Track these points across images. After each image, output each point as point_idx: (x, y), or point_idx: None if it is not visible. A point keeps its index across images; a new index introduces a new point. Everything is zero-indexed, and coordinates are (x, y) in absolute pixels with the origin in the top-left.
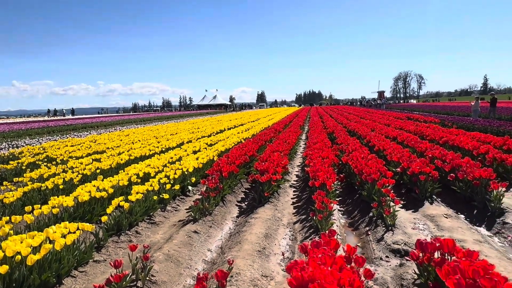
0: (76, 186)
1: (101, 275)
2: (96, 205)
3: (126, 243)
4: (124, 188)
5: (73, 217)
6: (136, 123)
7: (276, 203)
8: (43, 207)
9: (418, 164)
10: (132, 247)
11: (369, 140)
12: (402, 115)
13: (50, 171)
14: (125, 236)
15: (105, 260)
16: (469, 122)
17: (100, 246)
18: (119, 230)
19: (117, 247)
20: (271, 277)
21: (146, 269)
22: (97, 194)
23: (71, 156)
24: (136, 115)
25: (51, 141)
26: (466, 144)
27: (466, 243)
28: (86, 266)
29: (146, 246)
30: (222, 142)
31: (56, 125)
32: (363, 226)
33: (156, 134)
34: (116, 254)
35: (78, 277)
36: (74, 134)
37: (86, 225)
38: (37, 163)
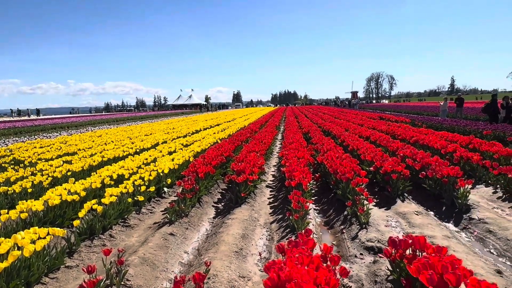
0: (46, 190)
1: (73, 281)
2: (68, 209)
3: (100, 247)
4: (97, 191)
5: (43, 221)
6: (109, 123)
7: (253, 203)
8: (11, 211)
9: (390, 163)
10: (106, 252)
11: (343, 140)
12: (375, 115)
13: (17, 174)
14: (99, 240)
15: (77, 265)
16: (438, 121)
17: (72, 251)
18: (92, 234)
19: (90, 251)
20: (249, 278)
21: (121, 273)
22: (69, 198)
23: (40, 158)
24: (109, 115)
25: (19, 142)
26: (435, 143)
27: (435, 239)
28: (57, 272)
29: (121, 250)
30: (198, 142)
31: (24, 125)
32: (338, 224)
33: (130, 135)
34: (89, 259)
35: (49, 284)
36: (43, 135)
37: (57, 230)
38: (3, 165)
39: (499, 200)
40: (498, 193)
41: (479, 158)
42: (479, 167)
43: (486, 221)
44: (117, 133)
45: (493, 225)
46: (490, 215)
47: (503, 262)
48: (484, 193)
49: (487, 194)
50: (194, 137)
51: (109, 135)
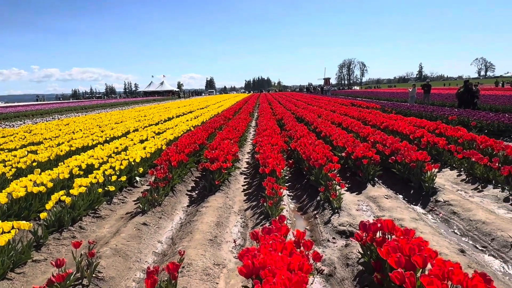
0: (10, 181)
1: (42, 275)
2: (34, 201)
3: (70, 239)
4: (65, 182)
5: (7, 215)
6: (77, 111)
7: (227, 190)
8: None
9: (361, 149)
10: (75, 244)
11: (316, 126)
12: (347, 101)
13: None
14: (68, 232)
15: (46, 259)
16: (406, 107)
17: (39, 244)
18: (61, 226)
19: (59, 244)
20: (223, 265)
21: (92, 265)
22: (35, 189)
23: (3, 149)
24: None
25: None
26: (403, 128)
27: (404, 222)
28: (24, 267)
29: (91, 242)
30: (171, 130)
31: None
32: (311, 209)
33: (100, 123)
34: (59, 252)
35: (15, 279)
36: (5, 124)
37: (23, 223)
38: None
39: (462, 182)
40: (462, 176)
41: (445, 143)
42: (445, 151)
43: (451, 203)
44: (86, 121)
45: (457, 207)
46: (455, 197)
47: (465, 242)
48: (449, 176)
49: (452, 177)
50: (166, 125)
51: (77, 124)
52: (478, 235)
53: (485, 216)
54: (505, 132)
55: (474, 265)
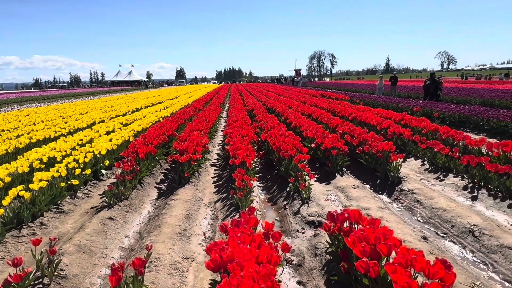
0: None
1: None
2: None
3: (29, 236)
4: (25, 176)
5: None
6: (39, 101)
7: (197, 183)
8: None
9: (330, 140)
10: (35, 242)
11: (286, 117)
12: (317, 92)
13: None
14: (28, 229)
15: (3, 258)
16: (374, 99)
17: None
18: (20, 223)
19: (18, 242)
20: (192, 259)
21: (53, 263)
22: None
23: None
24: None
25: None
26: (371, 119)
27: (370, 211)
28: None
29: (53, 239)
30: (139, 121)
31: None
32: (281, 200)
33: (63, 114)
34: (17, 250)
35: None
36: None
37: None
38: None
39: (426, 171)
40: (425, 165)
41: (410, 134)
42: (409, 142)
43: (415, 192)
44: (48, 112)
45: (420, 195)
46: (418, 186)
47: (428, 229)
48: (414, 165)
49: (416, 166)
50: (134, 116)
51: (38, 115)
52: (440, 222)
53: (446, 204)
54: (465, 123)
55: (436, 251)
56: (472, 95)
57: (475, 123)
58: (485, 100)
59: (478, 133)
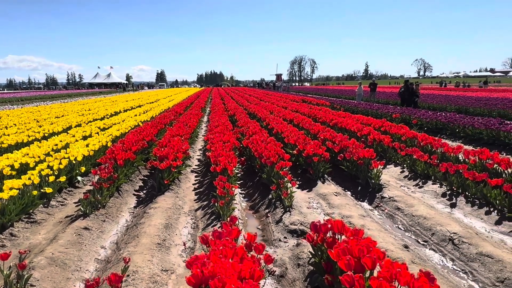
0: None
1: None
2: None
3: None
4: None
5: None
6: (12, 103)
7: (177, 190)
8: None
9: (312, 146)
10: (2, 256)
11: (268, 123)
12: (298, 97)
13: None
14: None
15: None
16: (354, 105)
17: None
18: None
19: None
20: (172, 271)
21: (23, 279)
22: None
23: None
24: (12, 93)
25: None
26: (352, 126)
27: (352, 218)
28: None
29: (23, 252)
30: (117, 126)
31: None
32: (263, 208)
33: (38, 117)
34: None
35: None
36: None
37: None
38: None
39: (405, 178)
40: (405, 172)
41: (389, 140)
42: (389, 149)
43: (395, 199)
44: (22, 114)
45: (401, 203)
46: (398, 193)
47: (409, 237)
48: (394, 172)
49: (396, 173)
50: (113, 120)
51: (11, 117)
52: (420, 230)
53: (426, 212)
54: (442, 130)
55: (417, 260)
56: (447, 102)
57: (452, 130)
58: (460, 107)
59: (455, 140)
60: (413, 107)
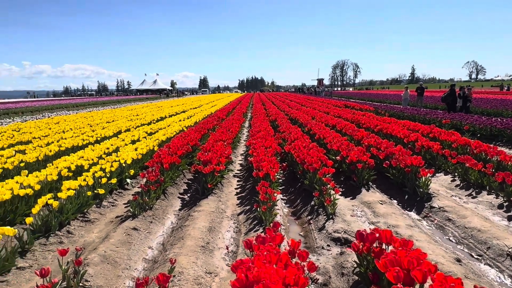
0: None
1: (26, 284)
2: (20, 204)
3: (57, 245)
4: (54, 184)
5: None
6: (68, 109)
7: (220, 194)
8: None
9: (356, 153)
10: (61, 252)
11: (310, 129)
12: (340, 102)
13: None
14: (55, 237)
15: (31, 266)
16: (400, 110)
17: (24, 250)
18: (48, 231)
19: (45, 250)
20: (216, 274)
21: (79, 274)
22: (21, 192)
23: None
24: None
25: None
26: (398, 132)
27: (399, 228)
28: (7, 275)
29: (79, 249)
30: (163, 130)
31: None
32: (305, 215)
33: (91, 122)
34: (45, 258)
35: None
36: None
37: (7, 229)
38: None
39: (457, 188)
40: (456, 181)
41: (439, 147)
42: (439, 156)
43: (446, 209)
44: (77, 119)
45: (452, 213)
46: (449, 203)
47: (461, 250)
48: (444, 181)
49: (446, 182)
50: (159, 125)
51: (67, 122)
52: (474, 243)
53: (480, 224)
54: (497, 137)
55: (471, 275)
56: (503, 107)
57: (508, 137)
58: None
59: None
60: (465, 112)
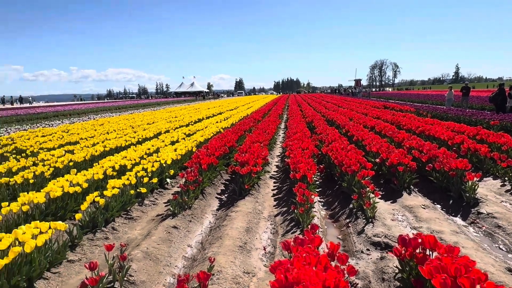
0: (48, 181)
1: (76, 276)
2: (70, 201)
3: (102, 240)
4: (99, 182)
5: (44, 214)
6: (111, 111)
7: (257, 195)
8: (12, 204)
9: (396, 155)
10: (108, 247)
11: (347, 130)
12: (379, 103)
13: (19, 164)
14: (101, 233)
15: (80, 259)
16: (443, 111)
17: (74, 244)
18: (95, 227)
19: (92, 245)
20: (253, 274)
21: (123, 269)
22: (71, 189)
23: (42, 148)
24: (111, 103)
25: (20, 131)
26: (441, 134)
27: (443, 234)
28: (59, 267)
29: (123, 245)
30: (201, 132)
31: (26, 113)
32: (343, 218)
33: (132, 124)
34: (92, 252)
35: (51, 279)
36: (45, 124)
37: (59, 224)
38: (5, 155)
39: (507, 193)
40: (506, 186)
41: (487, 150)
42: (486, 159)
43: (495, 216)
44: (119, 121)
45: (502, 220)
46: (499, 209)
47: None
48: (492, 186)
49: (495, 187)
50: (196, 126)
51: (111, 124)
52: None
53: None
54: None
55: None
56: None
57: None
58: None
59: None
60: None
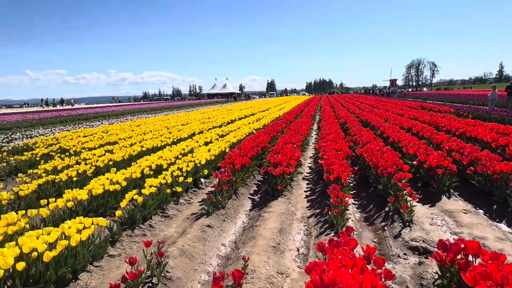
0: (89, 179)
1: (116, 270)
2: (110, 198)
3: (140, 237)
4: (137, 181)
5: (87, 210)
6: (147, 112)
7: (289, 196)
8: (58, 200)
9: (435, 157)
10: (146, 243)
11: (383, 131)
12: (416, 104)
13: (63, 162)
14: (139, 230)
15: (119, 254)
16: (486, 112)
17: (114, 240)
18: (133, 224)
19: (131, 241)
20: (287, 274)
21: (161, 265)
22: (111, 187)
23: (84, 147)
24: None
25: (64, 131)
26: (484, 135)
27: (487, 241)
28: (101, 261)
29: (161, 242)
30: (234, 133)
31: (69, 114)
32: (379, 221)
33: (167, 125)
34: (131, 248)
35: (93, 272)
36: (86, 124)
37: (101, 220)
38: (51, 154)
39: None
40: None
41: None
42: None
43: None
44: (155, 122)
45: None
46: None
47: None
48: None
49: None
50: (229, 127)
51: (147, 125)
52: None
53: None
54: None
55: None
56: None
57: None
58: None
59: None
60: None
